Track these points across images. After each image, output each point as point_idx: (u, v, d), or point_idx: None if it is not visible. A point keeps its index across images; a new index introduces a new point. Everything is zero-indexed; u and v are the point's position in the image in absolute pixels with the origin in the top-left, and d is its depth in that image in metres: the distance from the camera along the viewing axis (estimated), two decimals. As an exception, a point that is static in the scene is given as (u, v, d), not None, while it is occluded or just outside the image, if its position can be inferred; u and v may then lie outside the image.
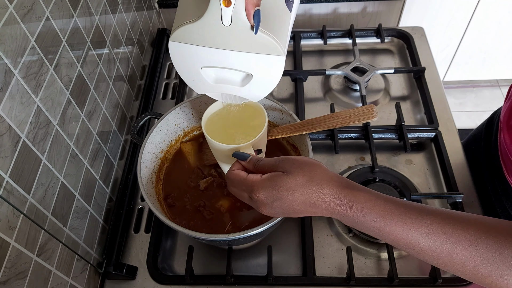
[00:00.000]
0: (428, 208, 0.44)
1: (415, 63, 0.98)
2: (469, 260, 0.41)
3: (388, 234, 0.44)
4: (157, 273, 0.70)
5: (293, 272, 0.71)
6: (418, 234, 0.43)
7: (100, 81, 0.73)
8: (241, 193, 0.52)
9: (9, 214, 0.46)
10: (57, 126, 0.58)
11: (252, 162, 0.53)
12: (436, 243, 0.42)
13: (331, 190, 0.46)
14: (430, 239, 0.42)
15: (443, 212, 0.44)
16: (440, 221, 0.42)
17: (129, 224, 0.77)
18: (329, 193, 0.46)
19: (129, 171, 0.82)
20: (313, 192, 0.47)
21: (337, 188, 0.47)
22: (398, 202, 0.45)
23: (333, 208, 0.46)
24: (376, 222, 0.44)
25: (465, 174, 0.81)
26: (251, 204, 0.52)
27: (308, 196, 0.47)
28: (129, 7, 0.89)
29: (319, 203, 0.47)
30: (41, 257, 0.52)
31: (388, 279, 0.68)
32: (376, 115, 0.61)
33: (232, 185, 0.53)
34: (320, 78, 1.00)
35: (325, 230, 0.75)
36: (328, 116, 0.66)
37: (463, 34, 1.74)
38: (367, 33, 1.04)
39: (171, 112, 0.73)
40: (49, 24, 0.56)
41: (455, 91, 2.11)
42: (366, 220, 0.45)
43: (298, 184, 0.47)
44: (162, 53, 1.03)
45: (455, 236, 0.41)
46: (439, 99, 0.92)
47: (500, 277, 0.39)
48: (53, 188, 0.56)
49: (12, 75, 0.47)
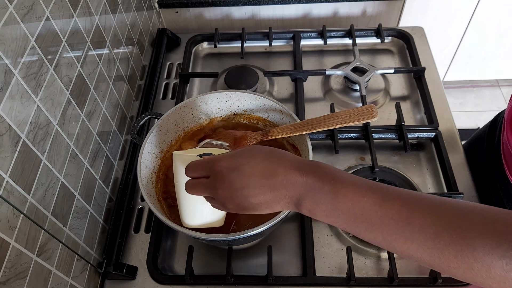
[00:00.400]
0: (383, 184, 0.43)
1: (415, 63, 0.98)
2: (428, 225, 0.37)
3: (343, 201, 0.42)
4: (157, 273, 0.70)
5: (293, 272, 0.71)
6: (374, 198, 0.40)
7: (100, 81, 0.73)
8: (198, 181, 0.50)
9: (9, 214, 0.46)
10: (57, 126, 0.58)
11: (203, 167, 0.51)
12: (393, 208, 0.39)
13: (293, 158, 0.46)
14: (386, 203, 0.40)
15: (398, 187, 0.43)
16: (396, 190, 0.41)
17: (129, 224, 0.77)
18: (291, 160, 0.46)
19: (129, 171, 0.82)
20: (275, 159, 0.46)
21: (299, 158, 0.47)
22: (354, 175, 0.44)
23: (293, 175, 0.44)
24: (332, 184, 0.42)
25: (465, 174, 0.81)
26: (207, 191, 0.50)
27: (270, 162, 0.46)
28: (129, 7, 0.89)
29: (279, 168, 0.45)
30: (41, 257, 0.52)
31: (388, 279, 0.68)
32: (376, 115, 0.62)
33: (190, 170, 0.51)
34: (320, 78, 1.00)
35: (325, 230, 0.75)
36: (328, 116, 0.66)
37: (463, 34, 1.74)
38: (367, 33, 1.04)
39: (171, 112, 0.73)
40: (49, 24, 0.56)
41: (455, 91, 2.11)
42: (323, 183, 0.43)
43: (262, 151, 0.47)
44: (162, 53, 1.03)
45: (412, 201, 0.39)
46: (439, 99, 0.92)
47: (464, 243, 0.35)
48: (53, 188, 0.56)
49: (12, 75, 0.47)
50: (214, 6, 1.13)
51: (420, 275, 0.70)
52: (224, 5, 1.13)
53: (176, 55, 1.06)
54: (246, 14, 1.17)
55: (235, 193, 0.47)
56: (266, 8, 1.15)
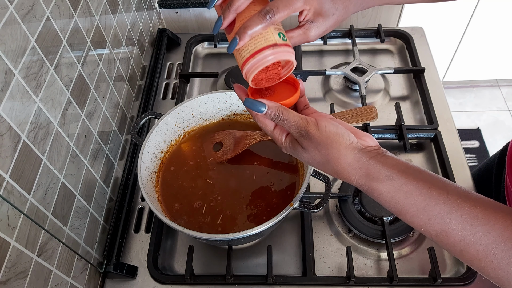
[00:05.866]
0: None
1: (415, 63, 0.98)
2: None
3: (403, 185, 0.41)
4: (157, 272, 0.70)
5: (293, 272, 0.71)
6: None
7: (100, 81, 0.73)
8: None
9: (10, 214, 0.46)
10: (58, 126, 0.58)
11: (269, 117, 0.48)
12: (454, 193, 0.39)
13: (355, 162, 0.45)
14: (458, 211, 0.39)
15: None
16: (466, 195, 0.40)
17: (129, 224, 0.78)
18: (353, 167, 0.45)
19: (129, 171, 0.82)
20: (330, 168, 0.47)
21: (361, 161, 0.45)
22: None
23: (361, 180, 0.45)
24: (395, 168, 0.42)
25: (465, 174, 0.81)
26: (296, 135, 0.48)
27: (335, 167, 0.46)
28: (129, 7, 0.89)
29: (345, 174, 0.45)
30: (42, 257, 0.53)
31: (387, 279, 0.68)
32: (376, 116, 0.62)
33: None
34: (320, 78, 1.00)
35: (325, 230, 0.76)
36: (328, 116, 0.66)
37: (463, 34, 1.74)
38: (367, 33, 1.04)
39: (171, 112, 0.73)
40: (50, 24, 0.56)
41: (454, 91, 2.11)
42: (386, 161, 0.43)
43: (315, 161, 0.47)
44: (162, 53, 1.03)
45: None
46: (439, 99, 0.92)
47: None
48: (54, 188, 0.56)
49: (13, 75, 0.48)
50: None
51: (420, 275, 0.70)
52: (224, 5, 1.13)
53: (176, 55, 1.06)
54: (246, 14, 1.17)
55: (317, 162, 0.48)
56: (266, 8, 1.15)
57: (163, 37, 1.05)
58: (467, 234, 0.38)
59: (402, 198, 0.42)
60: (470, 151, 1.90)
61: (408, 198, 0.41)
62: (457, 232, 0.39)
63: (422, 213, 0.41)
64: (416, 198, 0.41)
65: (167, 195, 0.71)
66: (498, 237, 0.37)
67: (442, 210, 0.40)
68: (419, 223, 0.42)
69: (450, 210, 0.39)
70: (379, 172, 0.43)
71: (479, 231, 0.38)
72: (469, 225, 0.38)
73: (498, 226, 0.37)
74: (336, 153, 0.45)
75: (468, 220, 0.38)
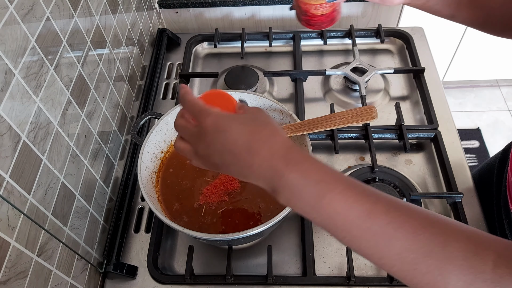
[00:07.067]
0: (375, 191, 0.40)
1: (415, 63, 0.98)
2: (409, 250, 0.36)
3: (326, 206, 0.39)
4: (157, 272, 0.70)
5: (293, 272, 0.71)
6: (360, 210, 0.38)
7: (100, 81, 0.73)
8: (187, 124, 0.47)
9: (10, 214, 0.46)
10: (58, 126, 0.58)
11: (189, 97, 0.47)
12: (377, 225, 0.37)
13: (283, 142, 0.43)
14: (371, 219, 0.38)
15: (390, 197, 0.40)
16: (386, 203, 0.38)
17: (129, 224, 0.78)
18: (280, 143, 0.42)
19: (129, 171, 0.82)
20: (264, 135, 0.43)
21: (290, 145, 0.43)
22: (344, 176, 0.41)
23: (276, 160, 0.41)
24: (319, 187, 0.39)
25: (465, 174, 0.81)
26: (190, 139, 0.47)
27: (257, 137, 0.42)
28: (129, 7, 0.89)
29: (263, 148, 0.42)
30: (42, 257, 0.53)
31: (387, 279, 0.68)
32: (376, 116, 0.62)
33: (186, 104, 0.47)
34: (320, 78, 1.00)
35: (325, 230, 0.75)
36: (328, 116, 0.66)
37: (463, 34, 1.74)
38: (367, 33, 1.04)
39: (171, 112, 0.73)
40: (50, 24, 0.56)
41: (454, 91, 2.11)
42: (308, 183, 0.40)
43: (254, 121, 0.44)
44: (162, 53, 1.03)
45: (398, 220, 0.37)
46: (439, 99, 0.92)
47: (439, 275, 0.35)
48: (54, 188, 0.56)
49: (13, 75, 0.48)
50: (214, 6, 1.13)
51: (419, 275, 0.70)
52: (224, 5, 1.13)
53: (176, 55, 1.06)
54: (246, 14, 1.17)
55: (214, 155, 0.44)
56: (266, 8, 1.15)
57: (163, 37, 1.05)
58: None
59: (330, 171, 0.42)
60: (470, 151, 1.90)
61: (335, 173, 0.42)
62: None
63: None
64: (344, 177, 0.42)
65: (167, 195, 0.71)
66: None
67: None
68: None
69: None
70: (314, 162, 0.43)
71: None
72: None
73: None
74: (272, 126, 0.45)
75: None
